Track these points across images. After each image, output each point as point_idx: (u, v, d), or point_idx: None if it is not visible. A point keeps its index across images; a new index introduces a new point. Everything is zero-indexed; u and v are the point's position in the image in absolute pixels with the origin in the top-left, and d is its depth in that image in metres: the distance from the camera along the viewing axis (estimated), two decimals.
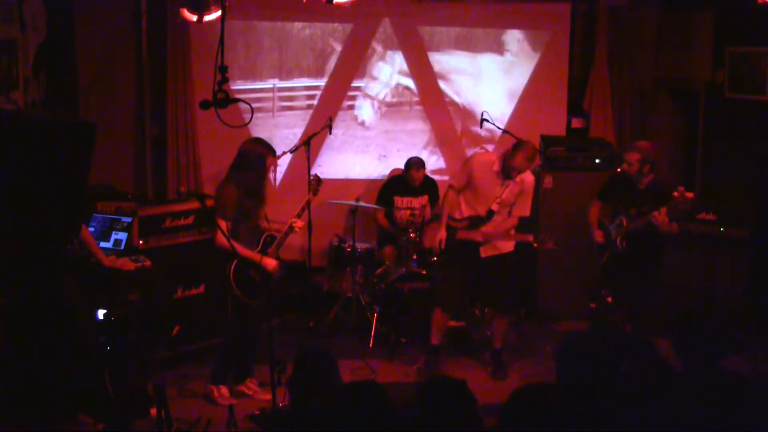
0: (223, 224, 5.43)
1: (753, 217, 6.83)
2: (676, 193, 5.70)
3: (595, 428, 3.21)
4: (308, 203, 6.01)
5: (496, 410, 5.47)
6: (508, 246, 6.25)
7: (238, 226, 5.57)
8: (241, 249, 5.49)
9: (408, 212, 7.35)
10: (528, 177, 6.14)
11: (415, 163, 7.42)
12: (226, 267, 5.54)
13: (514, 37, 8.29)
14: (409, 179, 7.42)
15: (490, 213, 6.11)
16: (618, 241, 6.00)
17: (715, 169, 7.85)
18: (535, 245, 6.24)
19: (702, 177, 8.01)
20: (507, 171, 5.98)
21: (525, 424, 3.04)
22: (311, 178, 6.14)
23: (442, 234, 6.23)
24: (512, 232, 6.24)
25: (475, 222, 6.14)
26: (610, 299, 6.00)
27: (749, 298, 6.75)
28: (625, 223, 5.99)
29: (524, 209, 6.19)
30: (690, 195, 6.95)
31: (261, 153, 5.63)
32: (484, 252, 6.17)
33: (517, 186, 6.07)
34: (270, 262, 5.67)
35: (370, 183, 8.12)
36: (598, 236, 6.19)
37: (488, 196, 6.10)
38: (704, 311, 3.71)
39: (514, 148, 6.00)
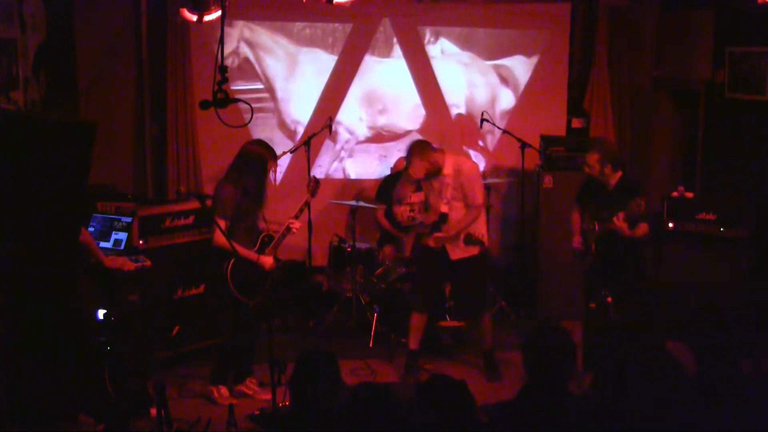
0: (221, 223, 5.44)
1: (753, 217, 6.83)
2: (689, 194, 5.60)
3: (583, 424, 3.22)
4: (306, 204, 6.02)
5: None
6: (477, 247, 6.21)
7: (235, 225, 5.57)
8: (238, 248, 5.50)
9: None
10: (465, 165, 6.16)
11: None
12: (224, 266, 5.54)
13: (514, 37, 8.30)
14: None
15: (443, 216, 6.09)
16: (592, 246, 5.90)
17: (715, 169, 7.85)
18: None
19: (702, 177, 8.01)
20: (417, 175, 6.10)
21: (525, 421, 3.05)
22: (309, 179, 6.14)
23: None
24: (485, 232, 6.21)
25: (434, 227, 6.14)
26: (610, 299, 5.97)
27: (749, 298, 6.74)
28: (596, 228, 5.87)
29: (473, 198, 6.11)
30: (690, 195, 6.97)
31: (262, 156, 5.63)
32: (453, 255, 6.14)
33: (454, 178, 6.05)
34: (267, 261, 5.67)
35: (370, 183, 8.12)
36: (576, 242, 6.05)
37: (437, 198, 6.13)
38: (722, 314, 3.68)
39: (407, 155, 6.13)
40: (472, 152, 8.25)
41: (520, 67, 8.31)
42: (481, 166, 8.17)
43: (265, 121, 8.00)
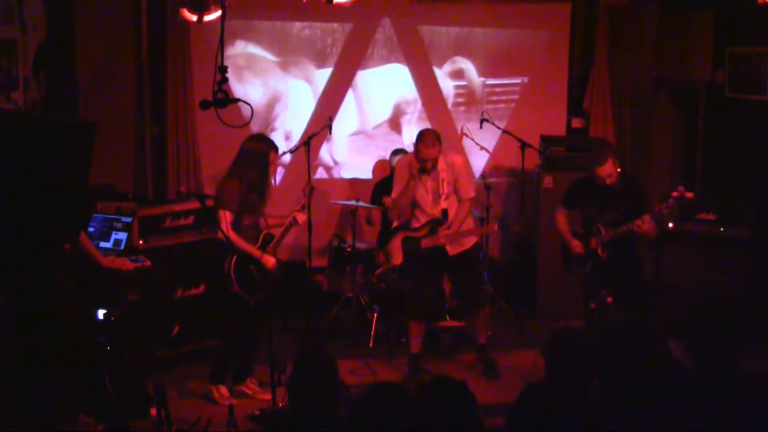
0: (225, 216, 5.44)
1: (753, 217, 6.83)
2: (689, 194, 5.57)
3: (588, 424, 3.22)
4: (304, 207, 6.02)
5: (497, 410, 5.48)
6: (471, 239, 6.27)
7: (239, 221, 5.58)
8: (242, 243, 5.50)
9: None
10: (456, 159, 6.19)
11: (392, 152, 7.50)
12: (226, 262, 5.54)
13: (513, 37, 8.29)
14: (391, 170, 7.44)
15: (445, 212, 6.10)
16: (600, 250, 5.86)
17: (715, 169, 7.85)
18: (500, 232, 6.27)
19: (702, 177, 8.01)
20: (423, 165, 6.03)
21: (534, 423, 3.05)
22: (305, 185, 6.14)
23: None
24: (470, 225, 6.27)
25: (434, 225, 6.12)
26: (610, 299, 5.96)
27: (749, 297, 6.74)
28: (603, 231, 5.82)
29: (467, 190, 6.17)
30: (690, 195, 6.97)
31: (263, 149, 5.64)
32: (452, 250, 6.16)
33: (448, 173, 6.08)
34: (269, 260, 5.68)
35: (370, 183, 8.11)
36: (578, 247, 5.98)
37: (429, 195, 6.12)
38: (718, 310, 3.70)
39: (416, 141, 6.08)
40: (472, 152, 8.24)
41: (520, 66, 8.31)
42: (481, 165, 8.17)
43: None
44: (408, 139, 8.23)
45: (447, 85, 8.26)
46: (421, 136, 6.08)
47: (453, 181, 6.12)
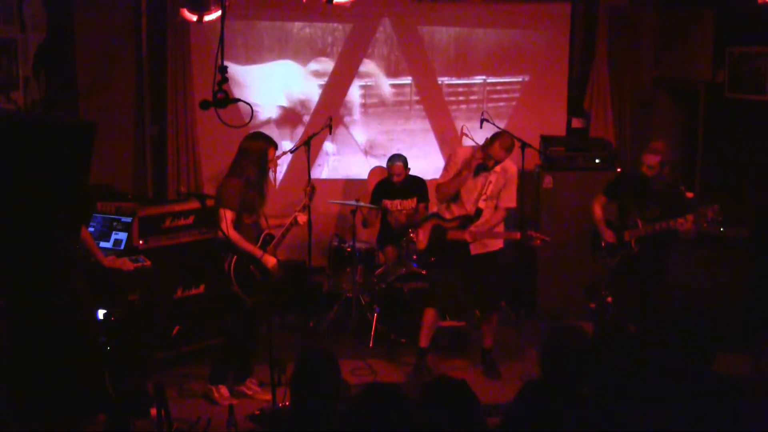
0: (227, 215, 5.44)
1: (753, 217, 6.83)
2: (689, 194, 5.64)
3: (584, 423, 3.22)
4: (305, 207, 6.02)
5: (497, 410, 5.48)
6: (496, 243, 6.22)
7: (240, 220, 5.58)
8: (243, 242, 5.50)
9: (404, 214, 7.36)
10: (511, 167, 6.13)
11: (390, 158, 7.44)
12: (226, 262, 5.54)
13: (514, 37, 8.30)
14: (389, 175, 7.42)
15: (479, 211, 6.07)
16: (633, 243, 5.92)
17: (715, 169, 7.85)
18: (522, 242, 6.16)
19: (702, 177, 8.01)
20: (486, 162, 5.99)
21: (531, 422, 3.05)
22: (306, 185, 6.13)
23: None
24: (500, 229, 6.18)
25: (465, 221, 6.10)
26: (610, 299, 5.97)
27: (749, 298, 6.74)
28: (640, 225, 5.89)
29: (510, 200, 6.14)
30: (690, 195, 6.99)
31: (262, 146, 5.64)
32: (474, 249, 6.13)
33: (499, 177, 6.05)
34: (270, 260, 5.68)
35: (366, 183, 8.12)
36: (610, 236, 6.05)
37: (473, 192, 6.08)
38: (687, 313, 3.71)
39: (491, 138, 6.02)
40: None
41: (520, 67, 8.31)
42: None
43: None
44: (405, 140, 8.24)
45: (446, 85, 8.25)
46: (500, 136, 6.04)
47: (501, 186, 6.07)
